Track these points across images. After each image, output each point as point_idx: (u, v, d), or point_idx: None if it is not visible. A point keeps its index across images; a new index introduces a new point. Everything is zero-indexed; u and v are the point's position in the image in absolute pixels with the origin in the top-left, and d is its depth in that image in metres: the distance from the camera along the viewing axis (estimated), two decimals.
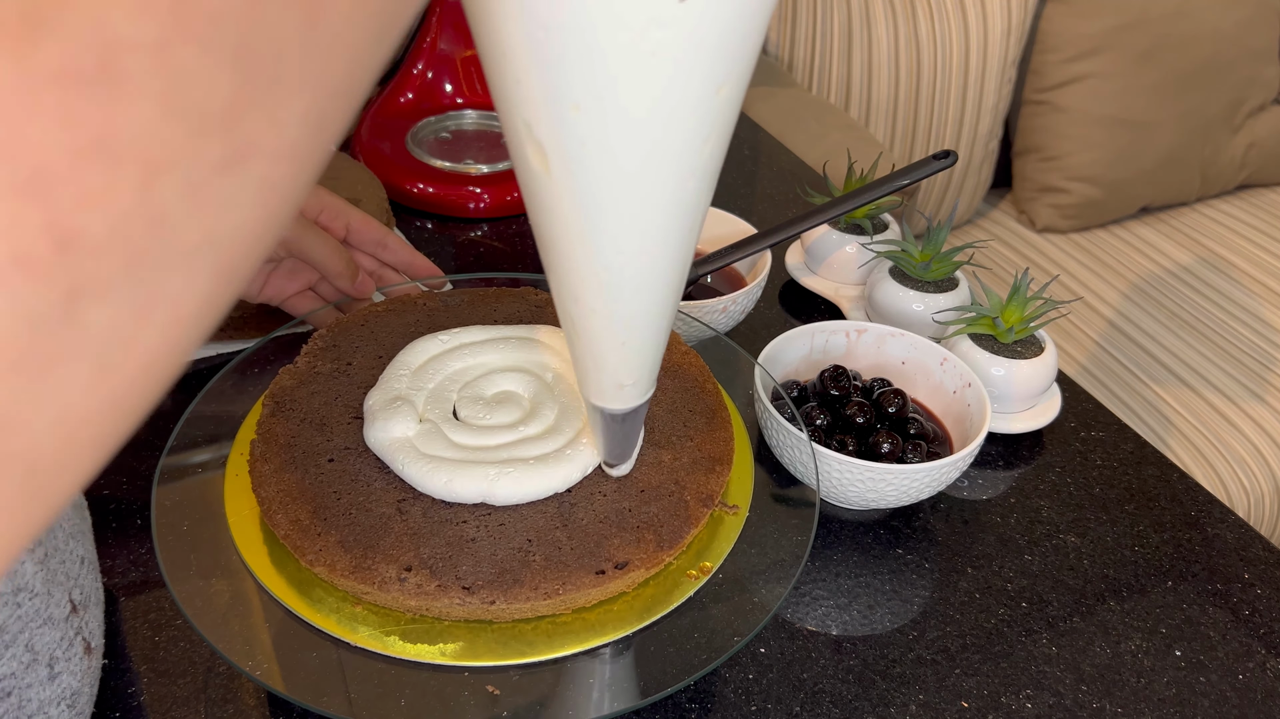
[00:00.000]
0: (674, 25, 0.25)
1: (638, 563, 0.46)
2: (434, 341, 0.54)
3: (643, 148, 0.28)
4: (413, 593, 0.44)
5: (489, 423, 0.50)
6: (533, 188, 0.31)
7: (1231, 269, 1.42)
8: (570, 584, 0.45)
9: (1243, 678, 0.53)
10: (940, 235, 0.70)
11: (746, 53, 0.27)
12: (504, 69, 0.27)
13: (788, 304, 0.79)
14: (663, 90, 0.27)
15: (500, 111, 0.29)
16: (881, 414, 0.61)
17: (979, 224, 1.57)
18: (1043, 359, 0.65)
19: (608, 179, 0.29)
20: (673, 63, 0.26)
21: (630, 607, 0.47)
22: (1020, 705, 0.51)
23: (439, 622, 0.45)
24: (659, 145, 0.28)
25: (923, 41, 1.40)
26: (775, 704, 0.50)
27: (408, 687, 0.44)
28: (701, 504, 0.49)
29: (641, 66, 0.26)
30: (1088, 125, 1.47)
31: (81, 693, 0.42)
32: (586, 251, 0.32)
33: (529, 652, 0.44)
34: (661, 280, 0.34)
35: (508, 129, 0.29)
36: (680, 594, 0.47)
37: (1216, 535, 0.62)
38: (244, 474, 0.51)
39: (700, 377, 0.56)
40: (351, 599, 0.46)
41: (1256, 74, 1.54)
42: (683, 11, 0.25)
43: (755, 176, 0.97)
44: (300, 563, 0.46)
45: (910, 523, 0.60)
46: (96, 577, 0.46)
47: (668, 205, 0.31)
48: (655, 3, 0.24)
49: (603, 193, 0.30)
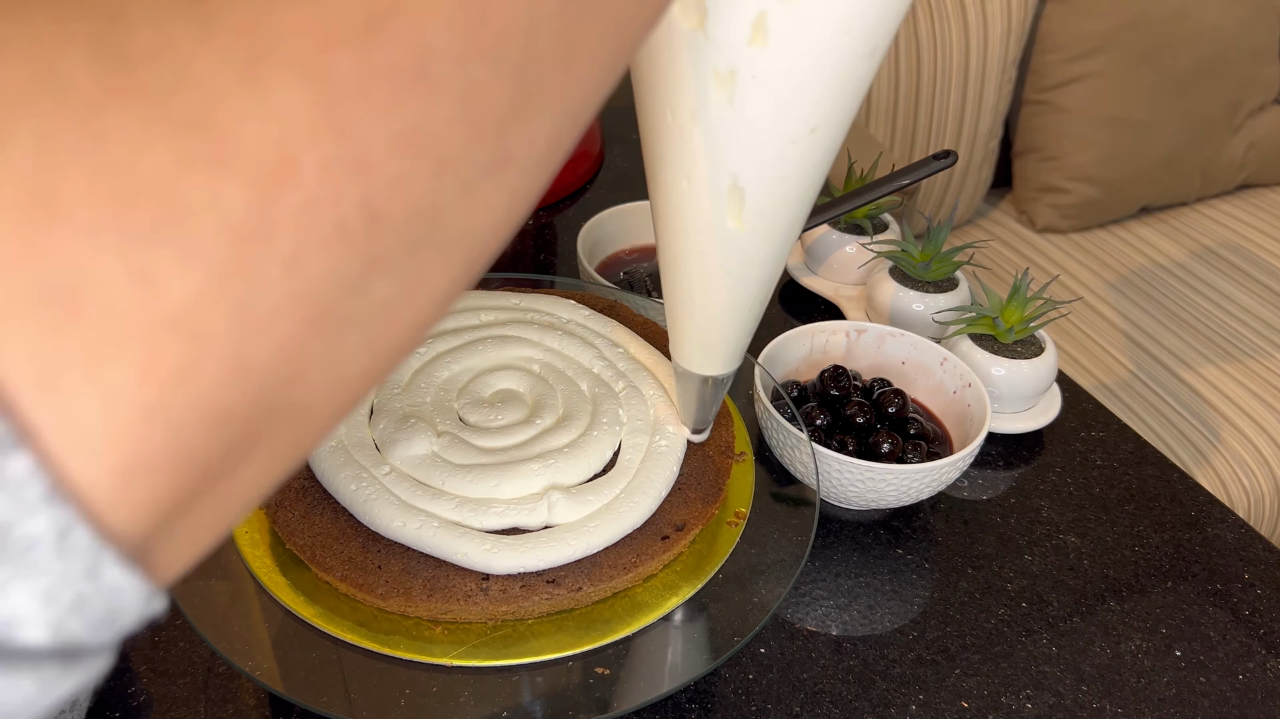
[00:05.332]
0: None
1: (693, 521, 0.48)
2: (412, 355, 0.54)
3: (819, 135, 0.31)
4: (498, 599, 0.44)
5: (502, 423, 0.51)
6: (713, 242, 0.35)
7: (1231, 269, 1.42)
8: (644, 555, 0.46)
9: (1243, 678, 0.53)
10: (940, 235, 0.70)
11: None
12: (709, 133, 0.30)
13: (788, 304, 0.79)
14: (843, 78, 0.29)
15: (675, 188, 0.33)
16: (881, 414, 0.61)
17: (979, 224, 1.57)
18: (1043, 359, 0.65)
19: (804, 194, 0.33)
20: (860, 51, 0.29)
21: (687, 565, 0.49)
22: (1020, 706, 0.51)
23: (520, 623, 0.45)
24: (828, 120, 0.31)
25: (923, 41, 1.40)
26: (775, 704, 0.50)
27: (407, 687, 0.44)
28: (724, 455, 0.52)
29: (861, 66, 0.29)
30: (1088, 125, 1.47)
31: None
32: (757, 271, 0.36)
33: (619, 628, 0.46)
34: (783, 256, 0.37)
35: (686, 200, 0.33)
36: (728, 542, 0.50)
37: (1216, 535, 0.62)
38: None
39: None
40: (427, 624, 0.45)
41: (1256, 74, 1.54)
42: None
43: None
44: (366, 599, 0.45)
45: (910, 523, 0.60)
46: None
47: (809, 200, 0.34)
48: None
49: (793, 215, 0.34)
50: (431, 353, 0.55)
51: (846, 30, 0.27)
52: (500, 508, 0.46)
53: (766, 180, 0.32)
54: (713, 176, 0.32)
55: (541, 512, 0.46)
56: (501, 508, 0.46)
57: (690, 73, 0.29)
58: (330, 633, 0.44)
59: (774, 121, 0.30)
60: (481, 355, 0.55)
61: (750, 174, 0.32)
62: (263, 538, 0.48)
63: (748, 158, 0.31)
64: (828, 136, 0.31)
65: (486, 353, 0.55)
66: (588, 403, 0.52)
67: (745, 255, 0.36)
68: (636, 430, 0.51)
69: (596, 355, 0.55)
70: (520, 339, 0.56)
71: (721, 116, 0.30)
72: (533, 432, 0.50)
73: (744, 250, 0.35)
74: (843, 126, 0.31)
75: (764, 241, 0.35)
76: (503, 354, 0.55)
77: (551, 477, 0.48)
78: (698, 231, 0.34)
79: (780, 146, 0.30)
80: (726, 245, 0.35)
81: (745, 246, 0.35)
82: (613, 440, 0.51)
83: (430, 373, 0.53)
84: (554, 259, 0.84)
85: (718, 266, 0.36)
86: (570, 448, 0.49)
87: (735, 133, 0.30)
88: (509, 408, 0.52)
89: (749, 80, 0.28)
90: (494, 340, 0.55)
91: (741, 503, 0.52)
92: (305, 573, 0.46)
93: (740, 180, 0.32)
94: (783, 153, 0.31)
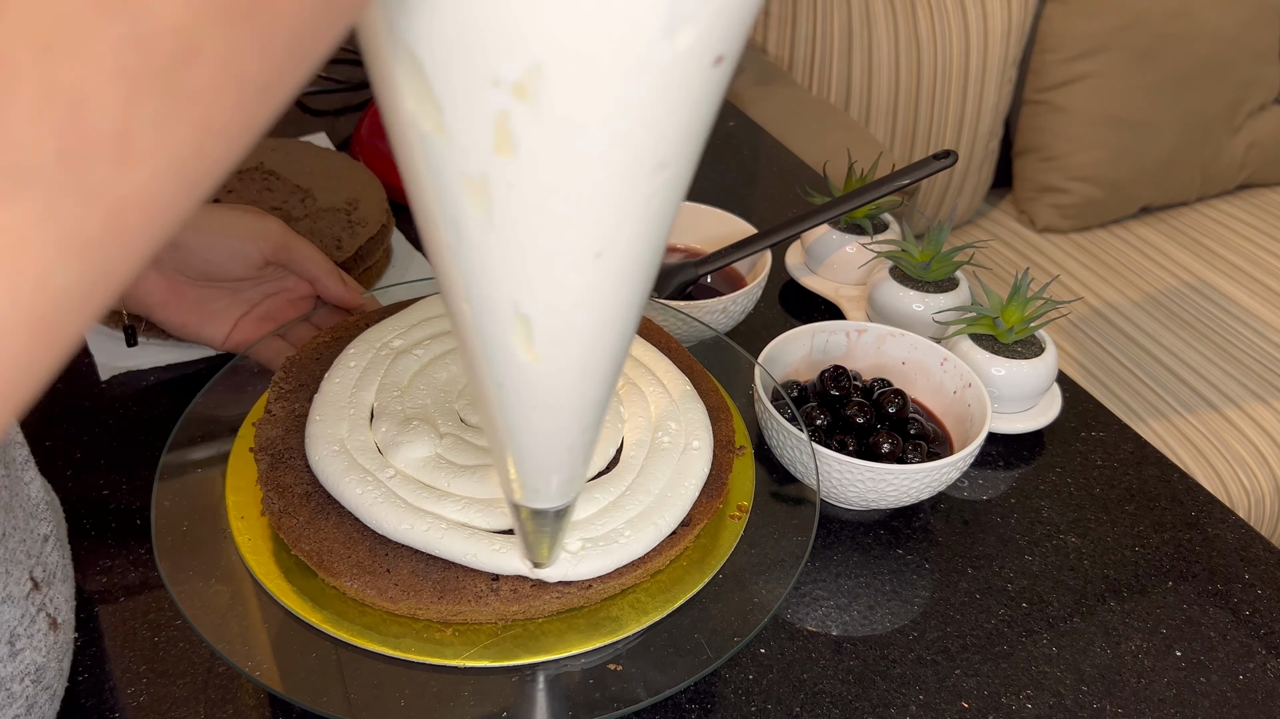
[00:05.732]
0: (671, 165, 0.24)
1: (698, 516, 0.49)
2: (410, 357, 0.54)
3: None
4: (509, 599, 0.44)
5: None
6: (506, 373, 0.29)
7: (1231, 269, 1.42)
8: (652, 551, 0.46)
9: (1243, 678, 0.53)
10: (940, 235, 0.70)
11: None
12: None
13: (788, 304, 0.79)
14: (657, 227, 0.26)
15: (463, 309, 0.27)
16: (881, 414, 0.61)
17: (979, 224, 1.57)
18: (1043, 359, 0.65)
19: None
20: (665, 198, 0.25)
21: (691, 560, 0.49)
22: (1020, 706, 0.51)
23: (530, 623, 0.45)
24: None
25: (923, 41, 1.40)
26: (775, 704, 0.50)
27: (407, 687, 0.44)
28: (725, 450, 0.52)
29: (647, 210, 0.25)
30: (1088, 125, 1.47)
31: (47, 668, 0.42)
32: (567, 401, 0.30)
33: (629, 624, 0.46)
34: (602, 381, 0.31)
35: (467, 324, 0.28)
36: (731, 536, 0.50)
37: (1217, 535, 0.62)
38: (241, 474, 0.51)
39: (700, 377, 0.56)
40: (437, 626, 0.45)
41: (1256, 74, 1.54)
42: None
43: (755, 176, 0.97)
44: (376, 603, 0.45)
45: (910, 523, 0.60)
46: (65, 553, 0.46)
47: (625, 340, 0.30)
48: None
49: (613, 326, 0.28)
50: (429, 355, 0.55)
51: (618, 142, 0.23)
52: (507, 508, 0.46)
53: (555, 310, 0.27)
54: (493, 301, 0.27)
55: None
56: (508, 508, 0.46)
57: (441, 181, 0.24)
58: (339, 638, 0.44)
59: (545, 243, 0.25)
60: None
61: (532, 302, 0.26)
62: (265, 544, 0.48)
63: (524, 284, 0.26)
64: (623, 259, 0.26)
65: None
66: None
67: (546, 387, 0.30)
68: (638, 427, 0.51)
69: None
70: None
71: (484, 235, 0.25)
72: None
73: (543, 382, 0.29)
74: (649, 247, 0.26)
75: (566, 371, 0.29)
76: None
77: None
78: (490, 361, 0.29)
79: (561, 273, 0.25)
80: (521, 378, 0.29)
81: (543, 378, 0.29)
82: (615, 437, 0.51)
83: (429, 375, 0.53)
84: None
85: (517, 399, 0.30)
86: None
87: (503, 254, 0.25)
88: None
89: (505, 191, 0.23)
90: None
91: (743, 497, 0.52)
92: (310, 579, 0.46)
93: (522, 308, 0.26)
94: (565, 280, 0.25)
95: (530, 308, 0.26)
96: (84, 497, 0.57)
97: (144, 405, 0.63)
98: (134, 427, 0.62)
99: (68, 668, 0.45)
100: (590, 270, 0.25)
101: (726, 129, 1.03)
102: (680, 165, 0.24)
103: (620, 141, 0.22)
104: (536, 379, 0.29)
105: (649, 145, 0.23)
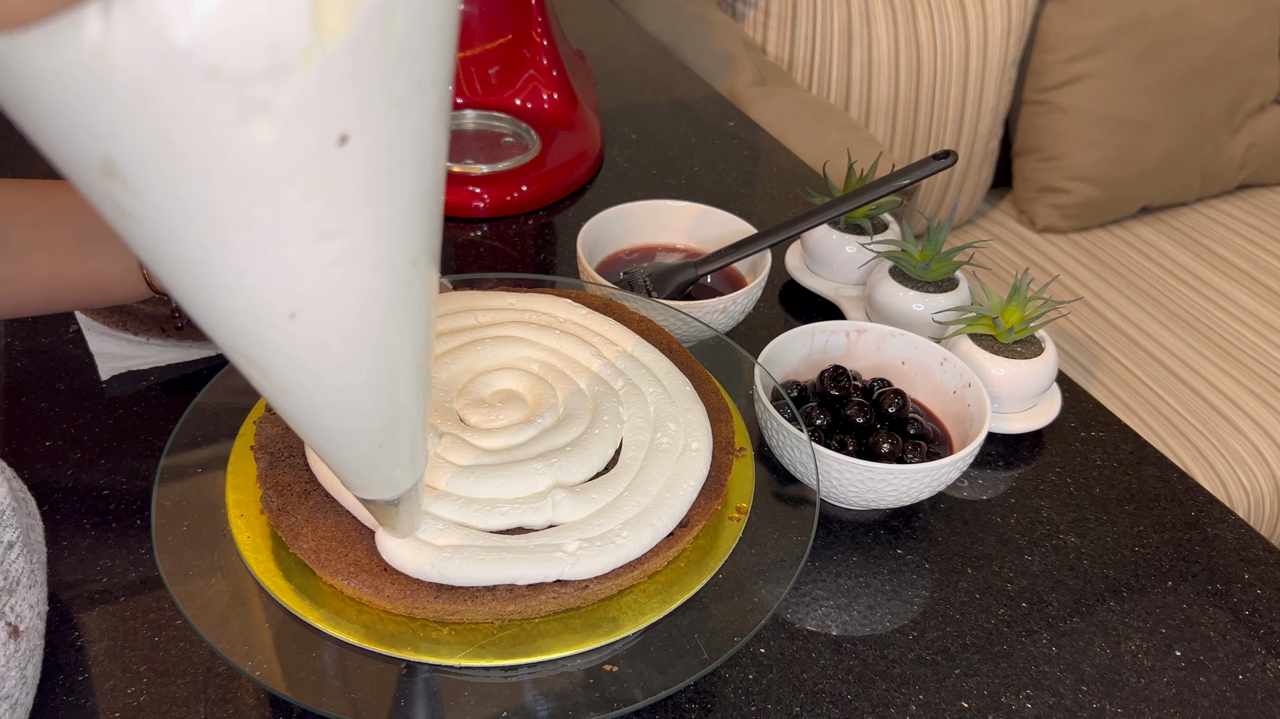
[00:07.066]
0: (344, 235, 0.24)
1: (697, 517, 0.48)
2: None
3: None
4: (506, 598, 0.44)
5: (503, 423, 0.51)
6: (271, 396, 0.30)
7: (1231, 269, 1.42)
8: (650, 552, 0.46)
9: (1243, 678, 0.53)
10: (940, 235, 0.70)
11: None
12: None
13: (788, 304, 0.79)
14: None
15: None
16: (881, 414, 0.61)
17: (979, 224, 1.57)
18: (1043, 359, 0.65)
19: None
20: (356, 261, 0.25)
21: (690, 560, 0.49)
22: (1020, 706, 0.51)
23: (527, 623, 0.45)
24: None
25: (923, 41, 1.40)
26: (775, 704, 0.50)
27: (405, 686, 0.44)
28: (724, 451, 0.52)
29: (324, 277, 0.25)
30: (1088, 125, 1.47)
31: (6, 677, 0.42)
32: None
33: (626, 625, 0.46)
34: (376, 397, 0.32)
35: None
36: (731, 537, 0.50)
37: (1216, 535, 0.62)
38: (242, 471, 0.51)
39: (701, 377, 0.56)
40: (434, 625, 0.45)
41: (1256, 74, 1.54)
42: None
43: (755, 176, 0.97)
44: (373, 602, 0.45)
45: (910, 523, 0.60)
46: (31, 559, 0.45)
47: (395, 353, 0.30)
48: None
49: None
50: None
51: (244, 224, 0.22)
52: (505, 508, 0.46)
53: (277, 357, 0.28)
54: (218, 339, 0.27)
55: (546, 511, 0.46)
56: (506, 508, 0.46)
57: (149, 254, 0.24)
58: (336, 636, 0.44)
59: (234, 302, 0.25)
60: (479, 356, 0.55)
61: (251, 350, 0.27)
62: (264, 542, 0.48)
63: (239, 335, 0.27)
64: (323, 319, 0.26)
65: (484, 353, 0.55)
66: (588, 401, 0.53)
67: (309, 413, 0.31)
68: (638, 428, 0.51)
69: (594, 354, 0.55)
70: (518, 339, 0.56)
71: (190, 293, 0.25)
72: (534, 431, 0.50)
73: (304, 410, 0.31)
74: (353, 306, 0.26)
75: (315, 404, 0.30)
76: (501, 354, 0.55)
77: (555, 475, 0.48)
78: (255, 384, 0.30)
79: (262, 329, 0.26)
80: (283, 403, 0.30)
81: (302, 408, 0.30)
82: (614, 438, 0.51)
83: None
84: (553, 259, 0.84)
85: (291, 418, 0.32)
86: (573, 446, 0.49)
87: (205, 309, 0.26)
88: (509, 408, 0.52)
89: (174, 269, 0.24)
90: (491, 341, 0.55)
91: (743, 498, 0.52)
92: (309, 577, 0.46)
93: (242, 350, 0.27)
94: (267, 335, 0.26)
95: (249, 351, 0.27)
96: (84, 496, 0.57)
97: (144, 405, 0.63)
98: (134, 427, 0.62)
99: (34, 675, 0.44)
100: (289, 327, 0.26)
101: (726, 129, 1.03)
102: (361, 233, 0.24)
103: (238, 221, 0.22)
104: (295, 405, 0.30)
105: (291, 221, 0.23)
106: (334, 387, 0.30)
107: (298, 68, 0.19)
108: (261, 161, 0.21)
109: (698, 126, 1.03)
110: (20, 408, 0.62)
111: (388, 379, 0.31)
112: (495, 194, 0.86)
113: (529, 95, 0.96)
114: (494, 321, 0.57)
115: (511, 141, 0.93)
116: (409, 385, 0.32)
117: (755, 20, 1.40)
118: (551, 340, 0.56)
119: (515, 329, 0.57)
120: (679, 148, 0.99)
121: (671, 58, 1.18)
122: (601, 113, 1.02)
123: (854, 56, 1.39)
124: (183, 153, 0.21)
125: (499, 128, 0.94)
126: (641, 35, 1.24)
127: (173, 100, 0.19)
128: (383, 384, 0.31)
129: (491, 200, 0.86)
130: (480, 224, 0.86)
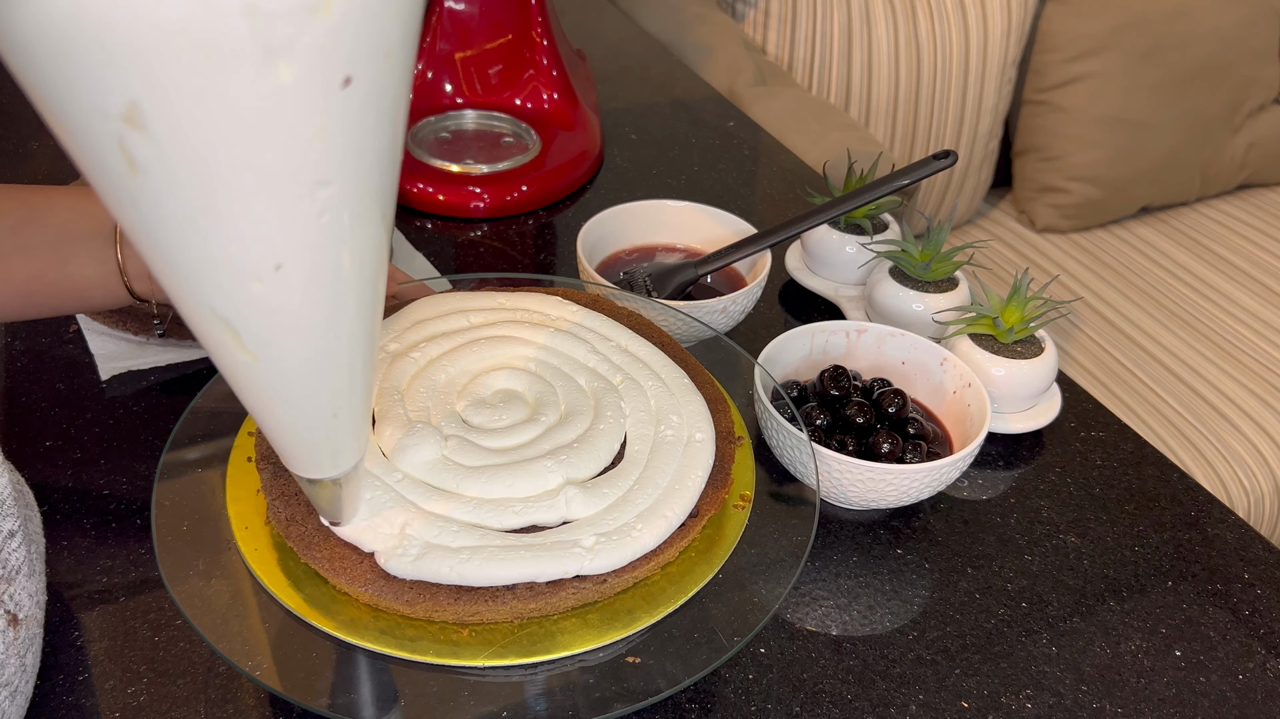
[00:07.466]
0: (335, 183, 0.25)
1: (706, 507, 0.49)
2: (407, 360, 0.54)
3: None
4: (525, 597, 0.44)
5: (506, 423, 0.51)
6: (233, 367, 0.31)
7: (1231, 269, 1.42)
8: (664, 543, 0.47)
9: (1243, 678, 0.53)
10: (940, 235, 0.70)
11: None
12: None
13: (788, 304, 0.79)
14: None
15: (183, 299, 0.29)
16: (881, 414, 0.61)
17: (979, 224, 1.57)
18: (1043, 359, 0.65)
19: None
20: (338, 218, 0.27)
21: (699, 550, 0.49)
22: (1020, 705, 0.51)
23: (545, 620, 0.45)
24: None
25: (923, 41, 1.40)
26: (775, 704, 0.50)
27: (408, 687, 0.44)
28: (726, 441, 0.52)
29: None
30: (1088, 125, 1.47)
31: (5, 664, 0.42)
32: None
33: (643, 617, 0.46)
34: (334, 371, 0.33)
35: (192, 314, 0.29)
36: (737, 525, 0.51)
37: (1216, 535, 0.62)
38: (240, 484, 0.51)
39: (694, 369, 0.57)
40: (453, 627, 0.45)
41: (1256, 74, 1.54)
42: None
43: (755, 176, 0.97)
44: (391, 608, 0.44)
45: (910, 523, 0.60)
46: (30, 549, 0.45)
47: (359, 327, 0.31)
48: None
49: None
50: (425, 357, 0.55)
51: (246, 165, 0.23)
52: (518, 506, 0.46)
53: (254, 315, 0.28)
54: (193, 304, 0.28)
55: (559, 508, 0.46)
56: (519, 506, 0.46)
57: (114, 193, 0.25)
58: (355, 643, 0.44)
59: (214, 253, 0.25)
60: (476, 356, 0.55)
61: (226, 307, 0.28)
62: (270, 553, 0.47)
63: (216, 291, 0.27)
64: (307, 271, 0.27)
65: (481, 354, 0.55)
66: (588, 398, 0.53)
67: (273, 381, 0.31)
68: (640, 422, 0.52)
69: (590, 350, 0.56)
70: (513, 338, 0.56)
71: (165, 244, 0.26)
72: (539, 429, 0.50)
73: (269, 377, 0.31)
74: (338, 258, 0.27)
75: (284, 367, 0.31)
76: (497, 354, 0.55)
77: (565, 472, 0.48)
78: (220, 355, 0.30)
79: (245, 282, 0.26)
80: (247, 372, 0.31)
81: (268, 374, 0.31)
82: (619, 432, 0.51)
83: (427, 377, 0.53)
84: (553, 259, 0.84)
85: (252, 388, 0.32)
86: (579, 442, 0.50)
87: (185, 262, 0.26)
88: (511, 407, 0.52)
89: (154, 208, 0.24)
90: (486, 341, 0.55)
91: (745, 486, 0.53)
92: (320, 586, 0.46)
93: (219, 311, 0.28)
94: (250, 289, 0.27)
95: (226, 312, 0.28)
96: (84, 496, 0.57)
97: (144, 405, 0.63)
98: (134, 427, 0.62)
99: (34, 664, 0.45)
100: (274, 280, 0.27)
101: (726, 129, 1.03)
102: (347, 183, 0.25)
103: (248, 164, 0.23)
104: (261, 374, 0.31)
105: (295, 165, 0.24)
106: (307, 345, 0.30)
107: (320, 10, 0.21)
108: (280, 102, 0.22)
109: (698, 126, 1.03)
110: (20, 408, 0.62)
111: (349, 339, 0.31)
112: (495, 194, 0.86)
113: (529, 95, 0.96)
114: (486, 322, 0.57)
115: (511, 141, 0.93)
116: (365, 349, 0.33)
117: (755, 20, 1.40)
118: (546, 338, 0.56)
119: (509, 328, 0.57)
120: (679, 148, 0.99)
121: (671, 58, 1.18)
122: (601, 113, 1.02)
123: (854, 57, 1.39)
124: (211, 94, 0.22)
125: (499, 128, 0.94)
126: (641, 35, 1.24)
127: (210, 37, 0.20)
128: (345, 346, 0.32)
129: (491, 200, 0.86)
130: (480, 224, 0.86)
